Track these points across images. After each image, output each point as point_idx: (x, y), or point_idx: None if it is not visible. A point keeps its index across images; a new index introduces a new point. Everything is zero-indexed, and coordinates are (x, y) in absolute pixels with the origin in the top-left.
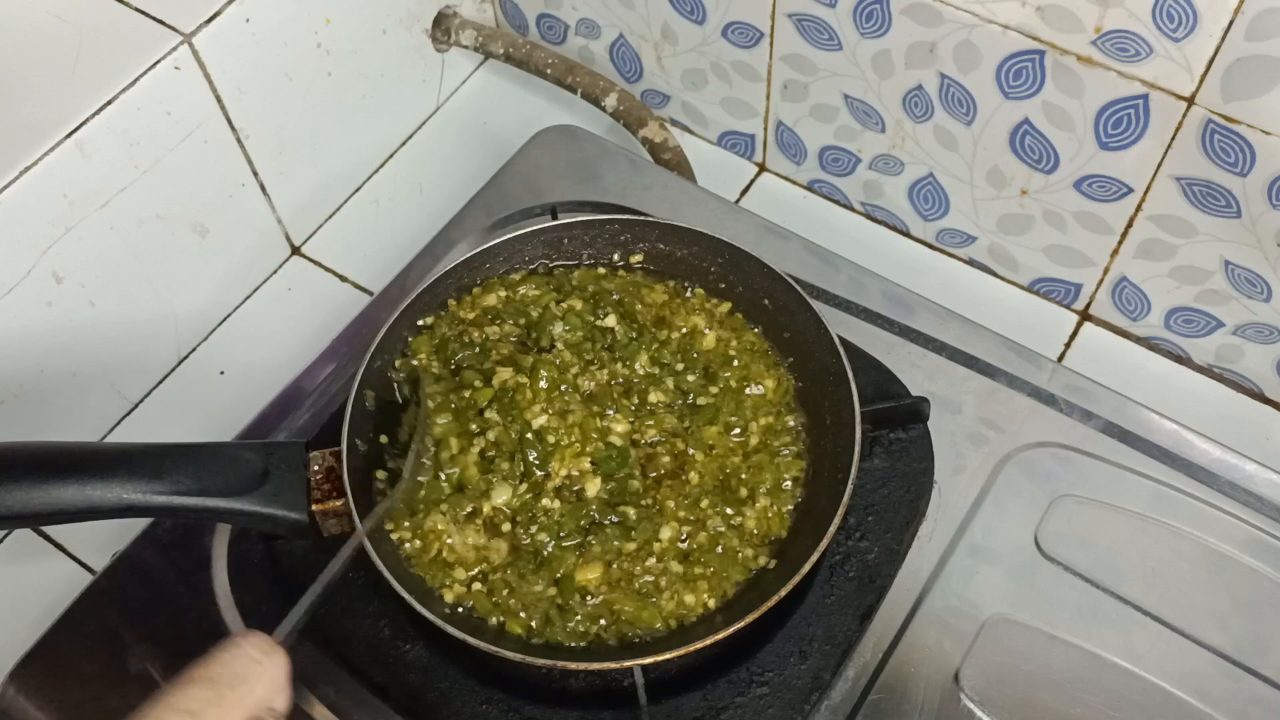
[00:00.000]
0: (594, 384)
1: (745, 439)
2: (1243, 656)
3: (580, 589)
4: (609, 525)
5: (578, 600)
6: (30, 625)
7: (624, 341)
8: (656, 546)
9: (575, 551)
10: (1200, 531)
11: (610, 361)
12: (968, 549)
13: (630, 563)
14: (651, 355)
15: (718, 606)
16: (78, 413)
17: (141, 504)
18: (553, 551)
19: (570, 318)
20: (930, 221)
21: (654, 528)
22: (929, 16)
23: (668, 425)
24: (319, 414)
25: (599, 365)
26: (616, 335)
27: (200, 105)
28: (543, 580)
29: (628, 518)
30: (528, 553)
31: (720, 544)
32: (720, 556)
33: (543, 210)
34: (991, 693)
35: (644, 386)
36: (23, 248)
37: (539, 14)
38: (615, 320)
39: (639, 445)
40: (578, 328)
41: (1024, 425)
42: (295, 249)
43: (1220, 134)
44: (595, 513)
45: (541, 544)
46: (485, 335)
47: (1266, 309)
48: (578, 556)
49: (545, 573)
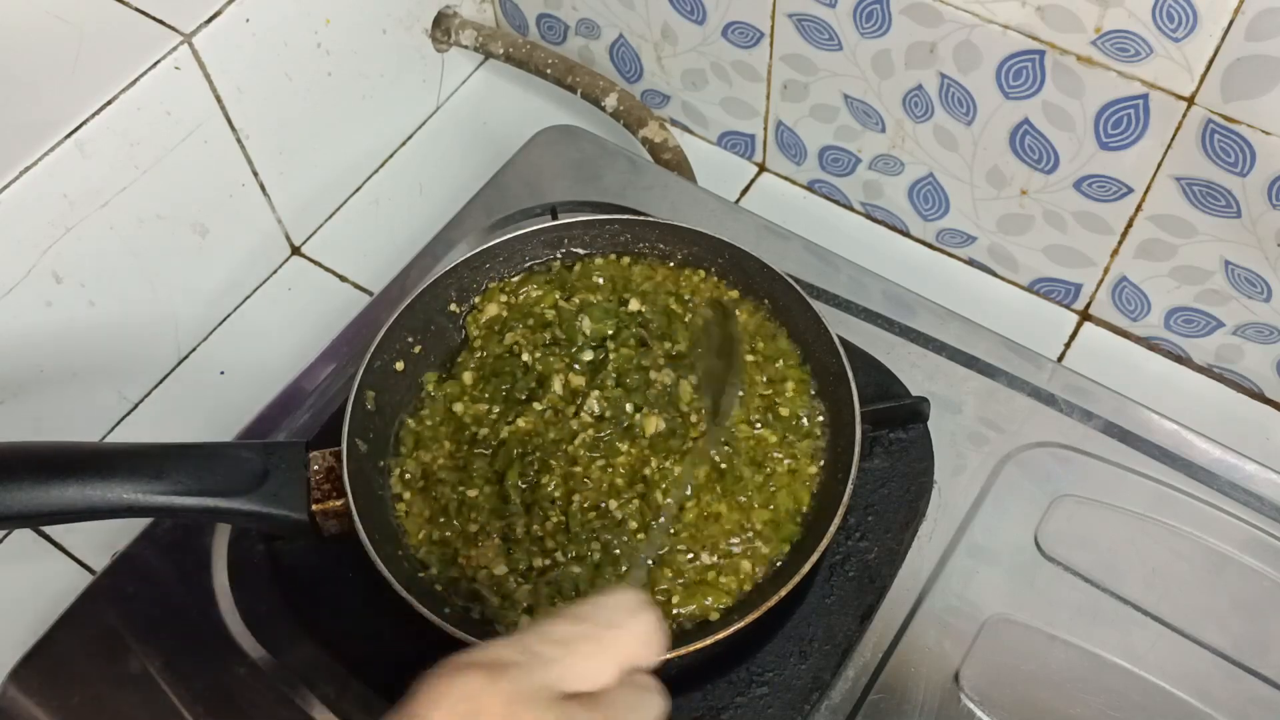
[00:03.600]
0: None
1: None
2: (1243, 656)
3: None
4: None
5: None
6: (30, 625)
7: (655, 323)
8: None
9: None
10: (1200, 531)
11: (648, 344)
12: (968, 549)
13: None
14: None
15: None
16: (78, 413)
17: (141, 504)
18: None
19: (592, 310)
20: (930, 221)
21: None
22: (929, 16)
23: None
24: (319, 414)
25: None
26: (646, 317)
27: (200, 105)
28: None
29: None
30: (556, 581)
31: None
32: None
33: (543, 210)
34: (991, 693)
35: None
36: (23, 248)
37: (539, 14)
38: (639, 304)
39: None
40: (607, 317)
41: (1024, 425)
42: (295, 249)
43: (1220, 134)
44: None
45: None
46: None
47: (1266, 309)
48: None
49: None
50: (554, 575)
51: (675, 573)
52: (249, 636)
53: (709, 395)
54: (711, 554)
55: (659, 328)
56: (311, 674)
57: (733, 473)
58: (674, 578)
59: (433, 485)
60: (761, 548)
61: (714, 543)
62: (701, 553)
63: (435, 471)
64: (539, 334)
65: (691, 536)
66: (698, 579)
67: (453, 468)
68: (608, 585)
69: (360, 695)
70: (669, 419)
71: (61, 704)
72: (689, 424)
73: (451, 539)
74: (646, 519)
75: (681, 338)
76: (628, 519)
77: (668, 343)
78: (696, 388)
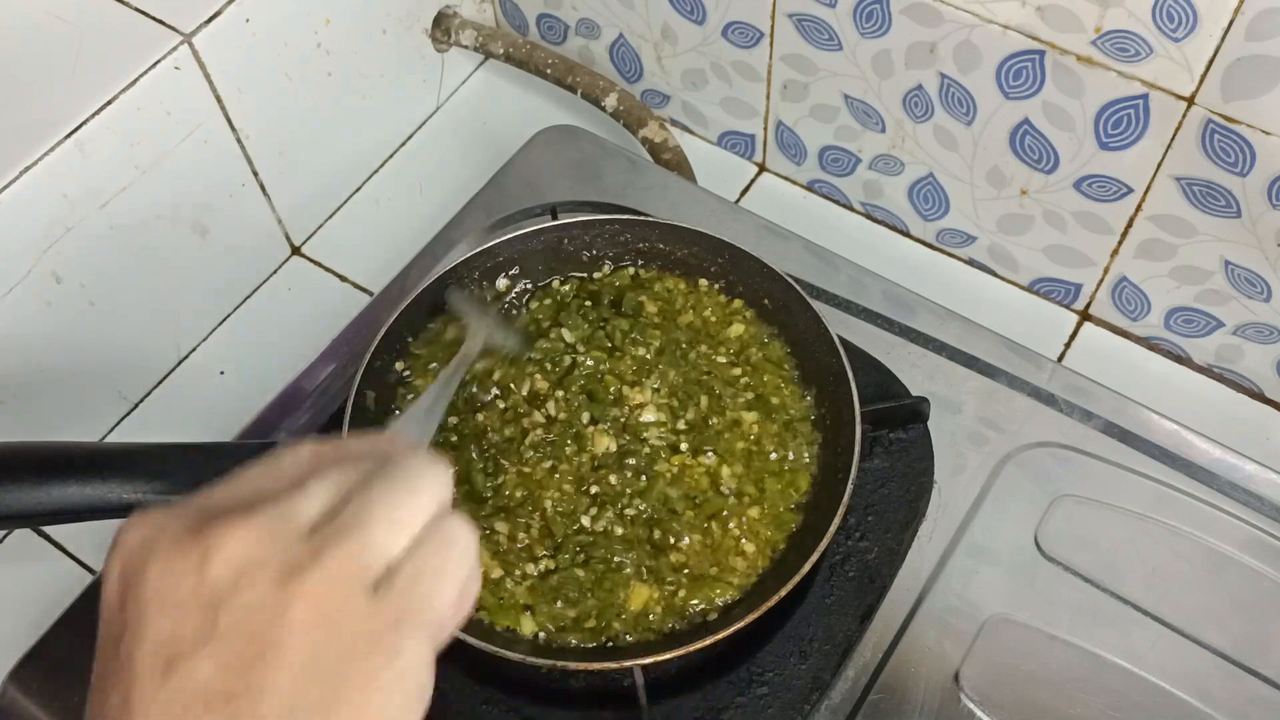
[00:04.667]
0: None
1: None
2: (1243, 656)
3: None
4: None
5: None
6: (30, 625)
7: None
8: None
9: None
10: (1200, 531)
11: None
12: (968, 549)
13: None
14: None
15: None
16: (78, 413)
17: (141, 504)
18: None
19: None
20: (930, 221)
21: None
22: (929, 16)
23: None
24: (319, 414)
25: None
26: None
27: (200, 105)
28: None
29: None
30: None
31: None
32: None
33: (543, 210)
34: (991, 693)
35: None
36: (23, 248)
37: (539, 14)
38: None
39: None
40: (580, 326)
41: (1024, 425)
42: (295, 249)
43: (1220, 134)
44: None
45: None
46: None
47: (1266, 309)
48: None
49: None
50: (554, 580)
51: (678, 566)
52: None
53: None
54: (714, 544)
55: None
56: None
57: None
58: (678, 570)
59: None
60: (764, 531)
61: (715, 535)
62: (703, 547)
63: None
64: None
65: (691, 525)
66: (699, 574)
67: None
68: (613, 587)
69: None
70: (623, 442)
71: (61, 704)
72: (648, 451)
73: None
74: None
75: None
76: (611, 527)
77: (640, 349)
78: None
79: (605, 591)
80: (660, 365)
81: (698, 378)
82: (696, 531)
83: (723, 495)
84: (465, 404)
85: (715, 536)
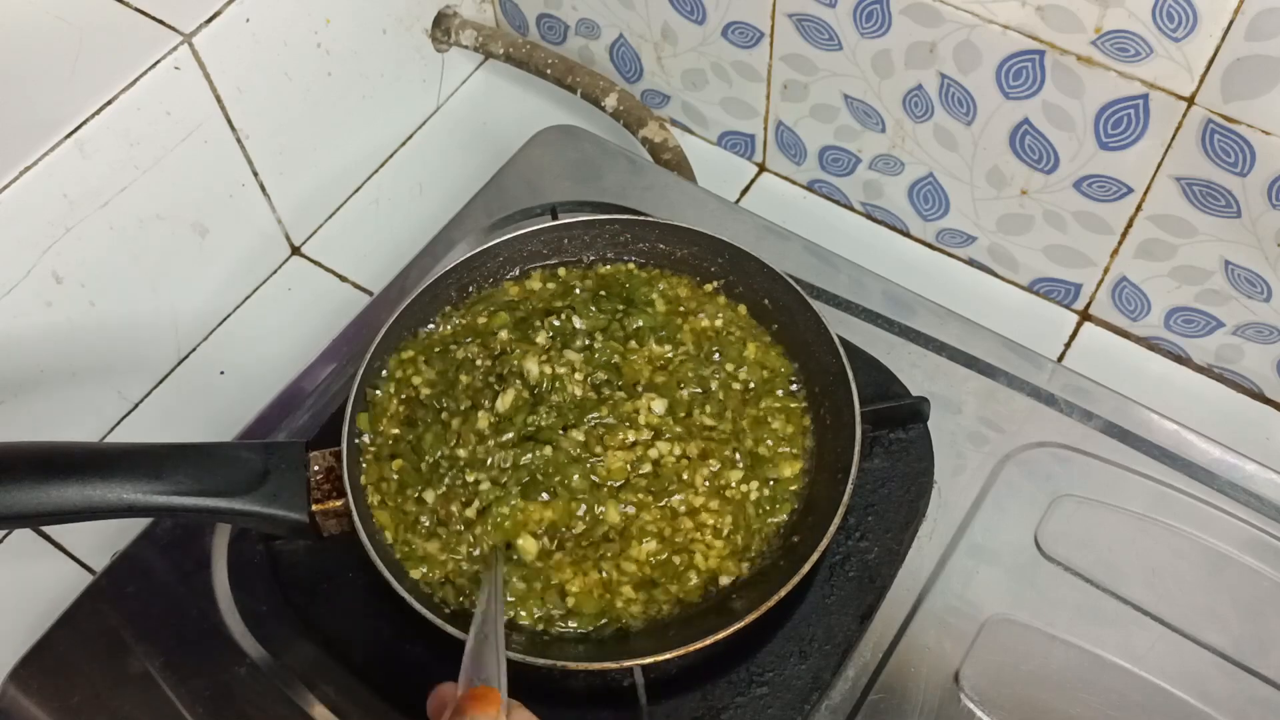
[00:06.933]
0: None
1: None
2: (1243, 656)
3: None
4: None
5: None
6: (30, 625)
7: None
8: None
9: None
10: (1200, 531)
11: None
12: (968, 549)
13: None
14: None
15: (729, 588)
16: (78, 413)
17: (141, 504)
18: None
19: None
20: (930, 221)
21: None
22: (929, 16)
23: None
24: (319, 414)
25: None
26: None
27: (200, 105)
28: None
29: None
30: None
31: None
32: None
33: (543, 210)
34: (991, 693)
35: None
36: (23, 248)
37: (539, 14)
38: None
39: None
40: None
41: (1024, 425)
42: (295, 249)
43: (1220, 134)
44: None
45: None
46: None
47: (1266, 309)
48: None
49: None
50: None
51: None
52: (249, 636)
53: None
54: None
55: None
56: (311, 674)
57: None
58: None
59: (398, 491)
60: (764, 531)
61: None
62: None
63: (393, 474)
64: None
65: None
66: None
67: (413, 468)
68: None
69: (360, 695)
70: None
71: (61, 704)
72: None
73: (437, 545)
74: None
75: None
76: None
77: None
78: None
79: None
80: (673, 365)
81: (702, 379)
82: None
83: (725, 498)
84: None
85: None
